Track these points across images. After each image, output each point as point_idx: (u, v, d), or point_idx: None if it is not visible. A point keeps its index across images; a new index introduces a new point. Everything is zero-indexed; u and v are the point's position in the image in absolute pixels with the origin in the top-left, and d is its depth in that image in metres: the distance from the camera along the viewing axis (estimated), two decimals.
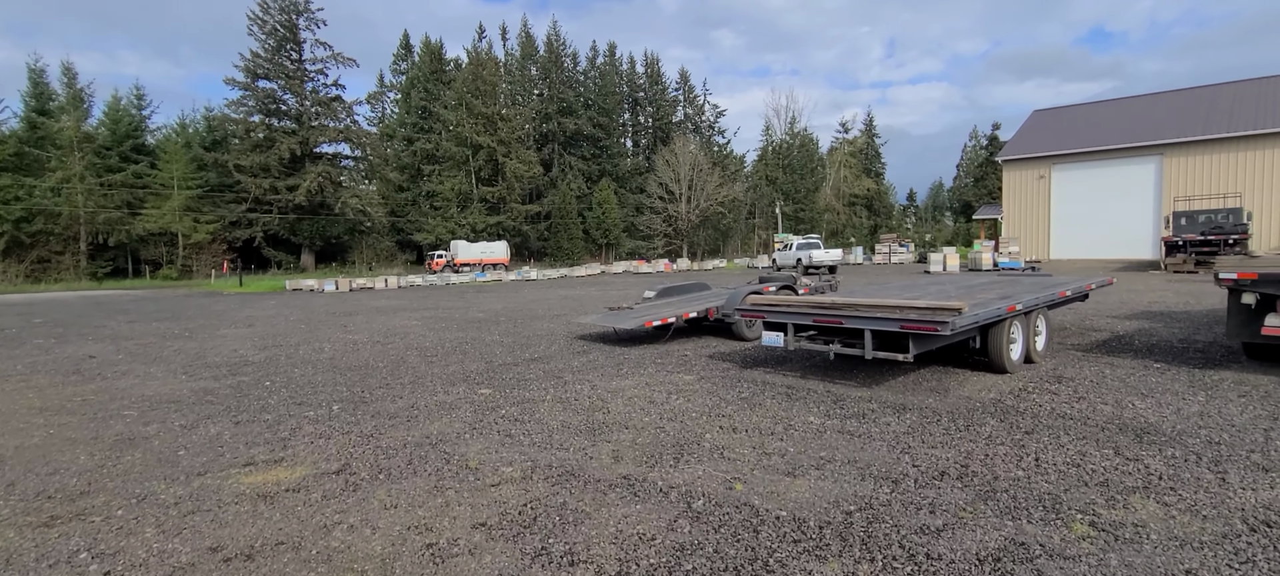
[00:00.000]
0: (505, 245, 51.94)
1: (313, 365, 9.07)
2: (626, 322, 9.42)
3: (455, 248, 49.26)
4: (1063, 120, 39.28)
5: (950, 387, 6.49)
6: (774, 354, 8.58)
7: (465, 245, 49.59)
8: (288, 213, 52.63)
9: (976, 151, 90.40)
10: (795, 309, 6.86)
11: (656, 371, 7.80)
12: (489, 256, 49.26)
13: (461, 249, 48.90)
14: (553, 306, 17.59)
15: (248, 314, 18.37)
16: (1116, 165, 33.69)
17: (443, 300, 22.05)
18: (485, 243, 51.50)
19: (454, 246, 49.54)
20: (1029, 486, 3.95)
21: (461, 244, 49.67)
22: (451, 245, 50.06)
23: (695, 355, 8.89)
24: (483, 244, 50.79)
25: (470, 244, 50.11)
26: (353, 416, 6.07)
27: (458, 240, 50.94)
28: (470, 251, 48.87)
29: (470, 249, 49.17)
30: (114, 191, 47.73)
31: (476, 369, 8.35)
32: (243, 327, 14.55)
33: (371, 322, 14.85)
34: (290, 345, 11.29)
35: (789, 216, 66.81)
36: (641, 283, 29.29)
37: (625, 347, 9.65)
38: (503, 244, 51.91)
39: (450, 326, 13.51)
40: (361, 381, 7.76)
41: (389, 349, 10.45)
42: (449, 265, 46.96)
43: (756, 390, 6.61)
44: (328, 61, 55.86)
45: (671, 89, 73.51)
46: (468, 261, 47.74)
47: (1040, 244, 35.45)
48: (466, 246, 49.39)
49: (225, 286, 37.92)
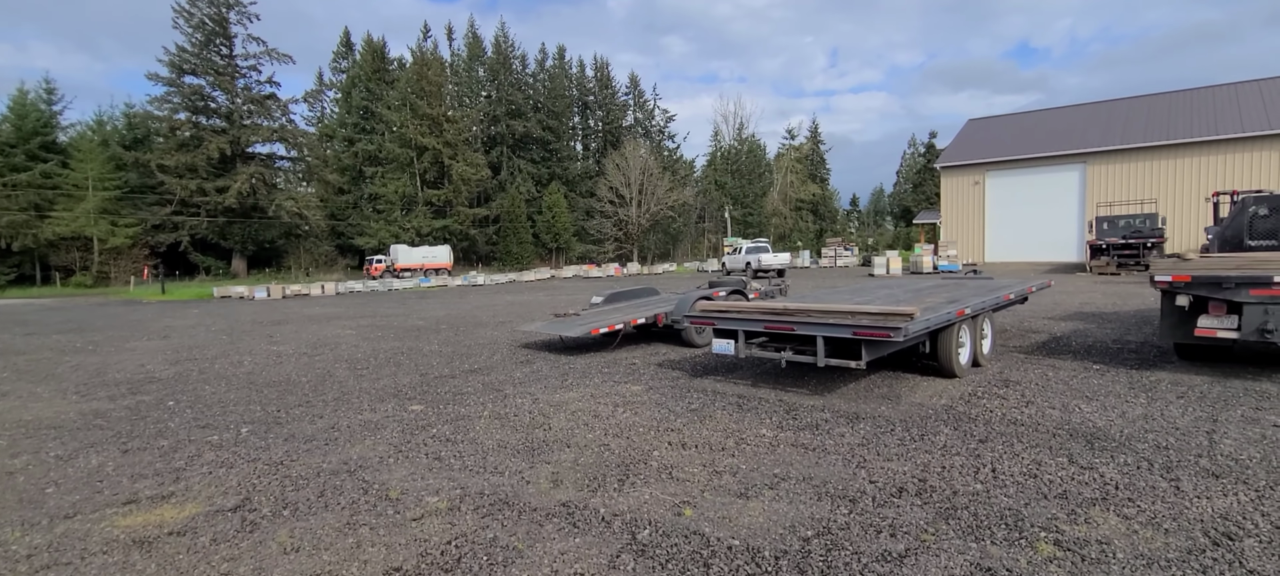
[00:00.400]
0: (448, 250, 50.53)
1: (227, 381, 8.30)
2: (573, 330, 9.02)
3: (395, 252, 47.60)
4: (996, 129, 40.99)
5: (902, 394, 6.36)
6: (724, 361, 8.34)
7: (406, 250, 48.00)
8: (217, 216, 49.79)
9: (915, 159, 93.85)
10: (746, 315, 6.62)
11: (603, 382, 7.43)
12: (431, 261, 47.87)
13: (402, 254, 47.34)
14: (498, 313, 16.98)
15: (165, 324, 17.05)
16: (1044, 172, 35.31)
17: (382, 307, 21.07)
18: (427, 247, 50.01)
19: (394, 251, 47.87)
20: (989, 501, 3.77)
21: (402, 248, 48.09)
22: (391, 250, 48.31)
23: (644, 363, 8.57)
24: (424, 248, 49.28)
25: (411, 248, 48.58)
26: (263, 440, 5.46)
27: (398, 244, 49.31)
28: (411, 256, 47.34)
29: (411, 254, 47.66)
30: (18, 192, 44.03)
31: (409, 382, 7.79)
32: (156, 339, 13.41)
33: (301, 332, 13.94)
34: (206, 359, 10.39)
35: (738, 221, 67.58)
36: (592, 287, 28.82)
37: (571, 356, 9.24)
38: (445, 248, 50.48)
39: (386, 335, 12.78)
40: (279, 399, 7.10)
41: (316, 361, 9.72)
42: (388, 270, 45.42)
43: (707, 400, 6.33)
44: (261, 57, 53.23)
45: (621, 93, 73.41)
46: (408, 266, 46.25)
47: (976, 247, 36.81)
48: (407, 251, 47.86)
49: (145, 294, 35.43)
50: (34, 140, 46.84)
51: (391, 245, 49.51)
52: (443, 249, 50.31)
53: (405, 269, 45.60)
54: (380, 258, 47.53)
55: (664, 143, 74.28)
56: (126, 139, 51.38)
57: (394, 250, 47.99)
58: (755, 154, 76.33)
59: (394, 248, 48.51)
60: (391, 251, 48.05)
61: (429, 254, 48.54)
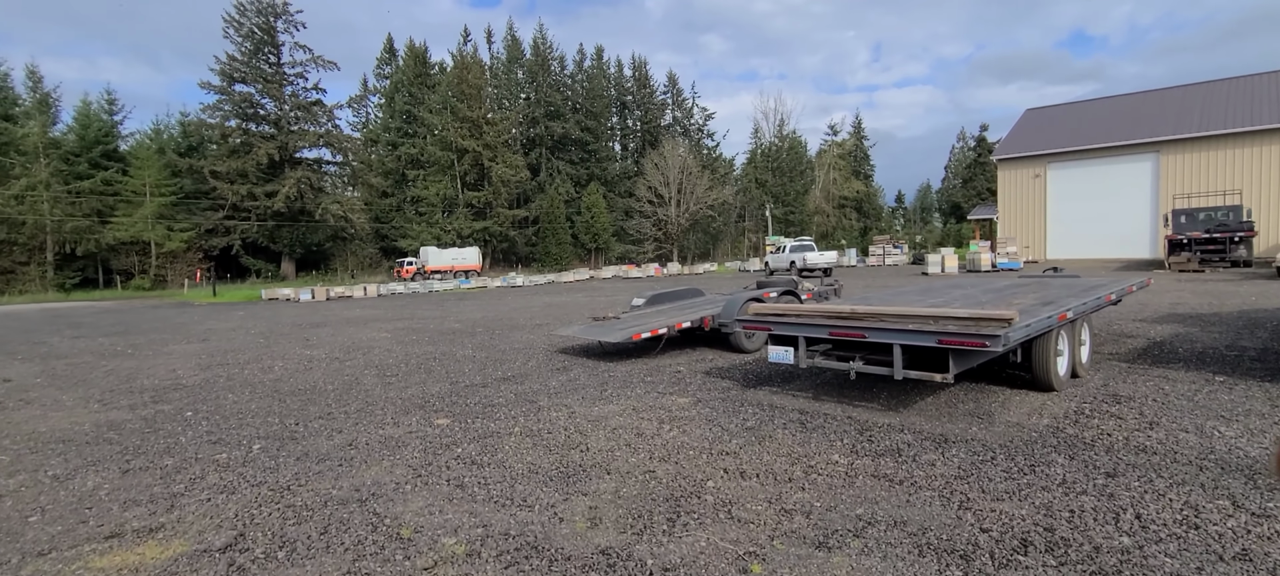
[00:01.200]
0: (477, 251, 50.87)
1: (252, 388, 7.93)
2: (613, 335, 8.37)
3: (425, 254, 47.79)
4: (1056, 118, 38.74)
5: (994, 411, 5.48)
6: (780, 371, 7.55)
7: (435, 252, 48.13)
8: (266, 220, 51.13)
9: (964, 153, 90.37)
10: (808, 319, 5.83)
11: (646, 392, 6.75)
12: (460, 263, 47.91)
13: (432, 256, 47.52)
14: (535, 315, 16.49)
15: (209, 326, 17.13)
16: (1112, 163, 33.10)
17: (420, 309, 20.88)
18: (456, 249, 50.05)
19: (424, 253, 48.10)
20: (1146, 564, 2.93)
21: (432, 250, 48.27)
22: (421, 252, 48.57)
23: (690, 371, 7.85)
24: (454, 250, 49.39)
25: (441, 250, 48.70)
26: (273, 460, 4.96)
27: (428, 247, 49.52)
28: (441, 258, 47.46)
29: (441, 256, 47.79)
30: (82, 199, 46.01)
31: (438, 391, 7.26)
32: (195, 343, 13.34)
33: (337, 335, 13.69)
34: (238, 363, 10.13)
35: (778, 219, 66.08)
36: (631, 288, 28.24)
37: (611, 363, 8.60)
38: (474, 250, 50.77)
39: (421, 339, 12.39)
40: (301, 409, 6.64)
41: (346, 367, 9.32)
42: (419, 272, 45.55)
43: (764, 417, 5.57)
44: (307, 65, 54.48)
45: (660, 92, 72.73)
46: (439, 268, 46.41)
47: (1036, 243, 34.81)
48: (437, 253, 48.02)
49: (198, 297, 36.44)
50: (96, 149, 48.93)
51: (421, 248, 49.73)
52: (472, 251, 50.57)
53: (435, 271, 45.68)
54: (411, 260, 47.64)
55: (703, 141, 73.31)
56: (181, 146, 53.25)
57: (424, 253, 48.19)
58: (796, 151, 74.51)
59: (424, 250, 48.69)
60: (421, 254, 48.20)
61: (459, 255, 48.73)
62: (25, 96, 47.50)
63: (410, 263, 46.98)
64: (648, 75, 71.60)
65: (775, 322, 6.00)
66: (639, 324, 8.93)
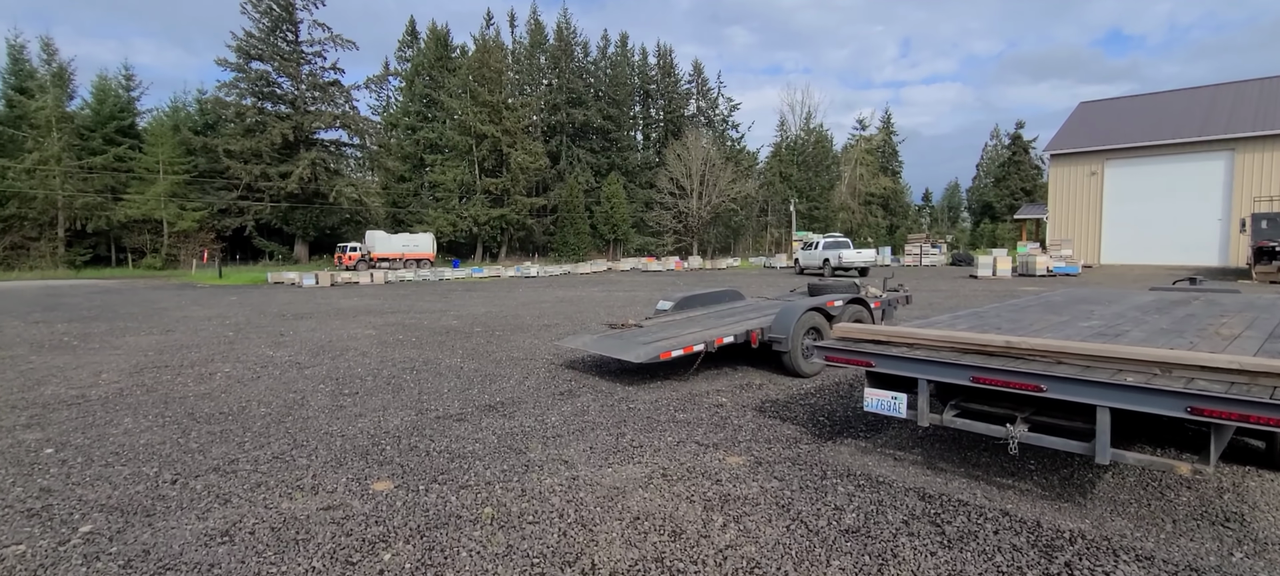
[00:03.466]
0: (431, 238, 46.63)
1: (167, 407, 6.15)
2: (634, 353, 6.45)
3: (371, 240, 43.47)
4: (1114, 113, 35.91)
5: (1250, 515, 3.47)
6: (863, 416, 5.58)
7: (383, 238, 44.03)
8: (279, 201, 50.00)
9: (998, 151, 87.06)
10: (937, 354, 3.85)
11: (680, 442, 4.83)
12: (412, 250, 43.98)
13: (379, 242, 43.26)
14: (545, 312, 14.63)
15: (189, 313, 15.55)
16: (1179, 161, 30.36)
17: (422, 300, 19.15)
18: (408, 235, 45.94)
19: (370, 238, 43.72)
20: None
21: (379, 236, 44.05)
22: (367, 237, 44.20)
23: (735, 405, 5.91)
24: (404, 236, 45.40)
25: (389, 237, 44.72)
26: (80, 569, 3.12)
27: (375, 232, 45.18)
28: (390, 245, 43.51)
29: (390, 242, 43.76)
30: (94, 175, 45.19)
31: (398, 425, 5.40)
32: (156, 334, 11.69)
33: (317, 331, 11.95)
34: (180, 366, 8.40)
35: (803, 215, 63.67)
36: (651, 282, 26.28)
37: (630, 385, 6.70)
38: (427, 237, 46.44)
39: (406, 339, 10.59)
40: (201, 449, 4.83)
41: (301, 377, 7.52)
42: (364, 260, 41.48)
43: (868, 506, 3.62)
44: (326, 44, 53.18)
45: (684, 82, 70.49)
46: (387, 256, 42.22)
47: (1089, 246, 32.21)
48: (385, 239, 43.88)
49: (203, 278, 35.28)
50: (110, 124, 48.10)
51: (368, 232, 45.50)
52: (424, 237, 46.23)
53: (383, 258, 41.59)
54: (354, 246, 43.41)
55: (727, 132, 70.96)
56: (197, 124, 52.33)
57: (370, 238, 43.77)
58: (822, 145, 71.90)
59: (370, 234, 44.33)
60: (367, 239, 43.97)
61: (410, 242, 44.70)
62: (41, 70, 46.68)
63: (354, 248, 42.88)
64: (672, 64, 69.41)
65: (880, 356, 4.02)
66: (668, 336, 7.00)
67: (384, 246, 42.82)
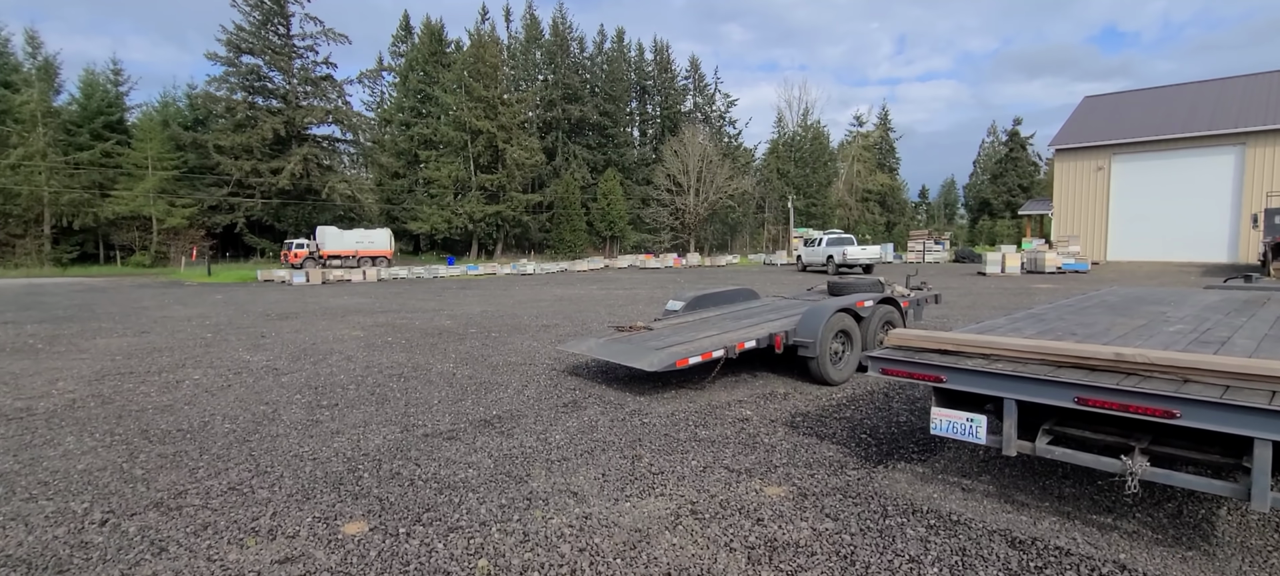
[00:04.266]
0: (387, 235, 43.01)
1: (119, 422, 5.45)
2: (646, 359, 5.77)
3: (322, 236, 39.79)
4: (1121, 107, 35.34)
5: None
6: (923, 436, 4.93)
7: (335, 233, 40.39)
8: (271, 197, 49.07)
9: (995, 148, 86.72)
10: (1027, 366, 3.19)
11: (706, 466, 4.16)
12: (366, 248, 40.51)
13: (330, 238, 39.71)
14: (544, 311, 13.94)
15: (169, 313, 14.81)
16: (1187, 155, 29.82)
17: (414, 299, 18.43)
18: (363, 230, 42.53)
19: (321, 234, 40.01)
20: None
21: (330, 232, 40.42)
22: (318, 233, 40.44)
23: (762, 418, 5.25)
24: (358, 232, 41.90)
25: (342, 233, 41.03)
26: None
27: (326, 227, 41.47)
28: (342, 242, 39.93)
29: (342, 238, 40.18)
30: (81, 171, 44.20)
31: (380, 445, 4.72)
32: (129, 337, 10.96)
33: (301, 332, 11.24)
34: (146, 372, 7.69)
35: (800, 211, 63.12)
36: (650, 280, 25.59)
37: (641, 394, 6.03)
38: (384, 233, 43.00)
39: (396, 342, 9.89)
40: (147, 478, 4.14)
41: (278, 386, 6.83)
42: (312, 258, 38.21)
43: (954, 555, 2.95)
44: (318, 37, 52.18)
45: (681, 78, 69.77)
46: (339, 254, 39.10)
47: (1096, 242, 31.66)
48: (337, 235, 40.27)
49: (191, 276, 34.42)
50: (98, 120, 47.09)
51: (319, 227, 41.74)
52: (381, 233, 42.62)
53: (333, 256, 38.67)
54: (301, 242, 39.71)
55: (724, 128, 70.31)
56: (187, 120, 51.34)
57: (321, 234, 40.10)
58: (820, 142, 71.38)
59: (321, 230, 40.53)
60: (318, 234, 40.25)
61: (364, 238, 41.22)
62: (26, 64, 45.63)
63: (301, 245, 39.19)
64: (669, 60, 68.66)
65: (954, 370, 3.35)
66: (682, 340, 6.33)
67: (335, 243, 39.68)
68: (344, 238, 40.39)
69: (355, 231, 42.01)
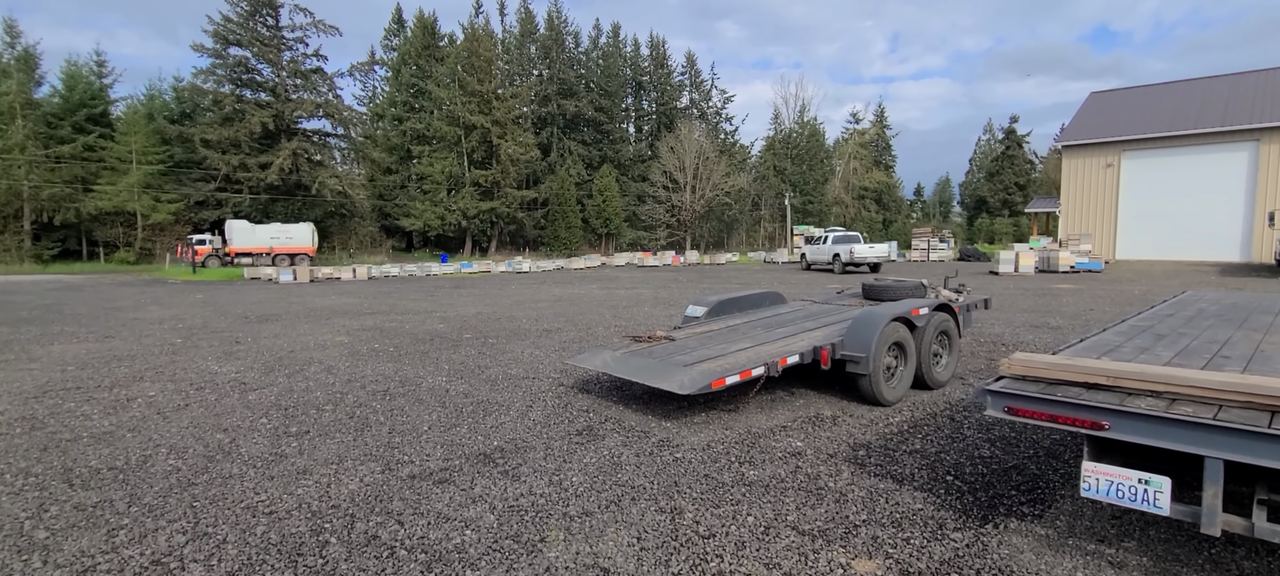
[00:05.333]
0: (309, 230, 38.82)
1: (38, 457, 4.53)
2: (675, 379, 4.88)
3: (231, 231, 35.34)
4: (1129, 102, 34.68)
5: None
6: (992, 464, 4.07)
7: (245, 229, 35.91)
8: (259, 193, 47.79)
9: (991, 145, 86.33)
10: (1218, 406, 2.34)
11: (767, 528, 3.29)
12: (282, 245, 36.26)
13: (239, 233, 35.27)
14: (544, 314, 13.04)
15: (143, 314, 13.82)
16: (1200, 152, 29.15)
17: (405, 299, 17.48)
18: (279, 226, 38.25)
19: (229, 229, 35.53)
20: None
21: (239, 227, 35.86)
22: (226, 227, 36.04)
23: (814, 450, 4.38)
24: (274, 227, 37.71)
25: (254, 228, 36.84)
26: None
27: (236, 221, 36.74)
28: (254, 238, 35.68)
29: (253, 234, 35.91)
30: (63, 165, 42.87)
31: (355, 491, 3.82)
32: (92, 342, 10.00)
33: (281, 337, 10.30)
34: (97, 386, 6.76)
35: (797, 209, 62.39)
36: (651, 278, 24.70)
37: (664, 417, 5.16)
38: (305, 228, 38.84)
39: (383, 349, 8.97)
40: (48, 546, 3.23)
41: (245, 403, 5.91)
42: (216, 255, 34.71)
43: None
44: (308, 29, 50.79)
45: (677, 74, 68.78)
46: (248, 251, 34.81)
47: (1105, 240, 31.00)
48: (247, 231, 35.89)
49: (177, 273, 33.29)
50: (80, 112, 45.69)
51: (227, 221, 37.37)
52: (301, 228, 38.41)
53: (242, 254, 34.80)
54: (203, 238, 35.91)
55: (721, 125, 69.44)
56: (174, 113, 49.99)
57: (229, 228, 35.72)
58: (816, 138, 70.74)
59: (230, 225, 36.09)
60: (226, 229, 35.87)
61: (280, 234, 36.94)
62: (4, 54, 44.22)
63: (202, 242, 35.12)
64: (665, 55, 67.63)
65: (1120, 412, 2.49)
66: (712, 354, 5.45)
67: (245, 239, 35.61)
68: (256, 233, 36.61)
69: (271, 226, 38.22)
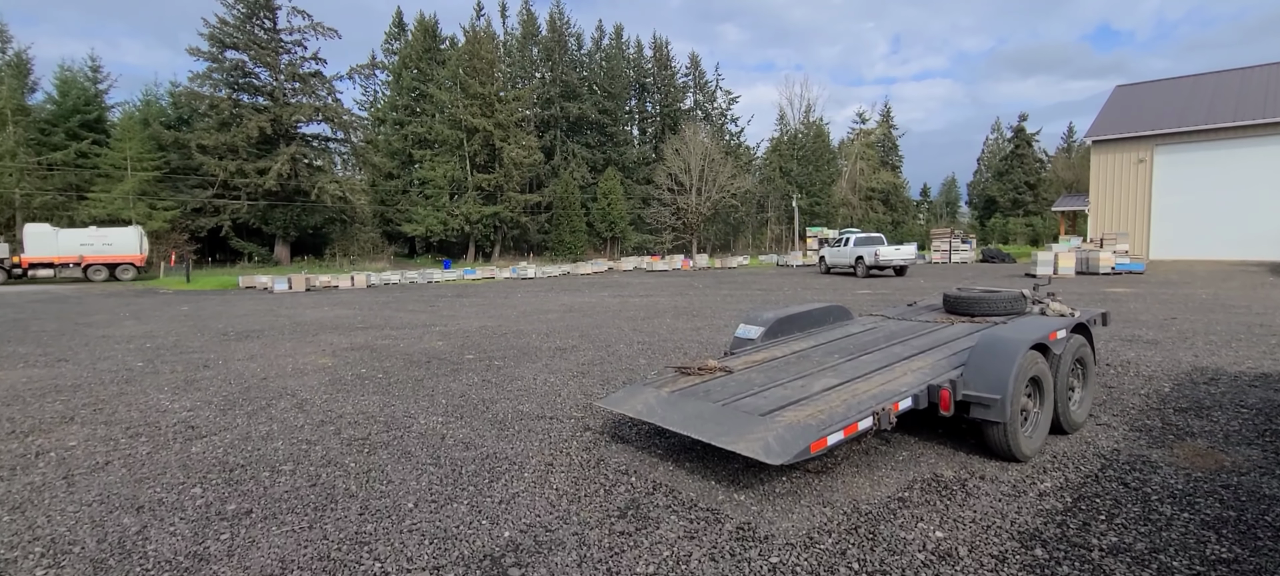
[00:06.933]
0: (135, 234, 32.37)
1: None
2: (753, 440, 3.54)
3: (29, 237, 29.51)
4: (1160, 95, 33.23)
5: None
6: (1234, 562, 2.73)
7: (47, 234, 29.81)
8: (258, 199, 46.68)
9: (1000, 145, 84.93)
10: None
11: None
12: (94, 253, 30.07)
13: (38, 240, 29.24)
14: (555, 326, 11.72)
15: (113, 331, 12.55)
16: (1240, 146, 27.72)
17: (403, 311, 16.18)
18: (94, 230, 31.68)
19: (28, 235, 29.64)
20: None
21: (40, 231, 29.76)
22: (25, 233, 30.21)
23: (965, 544, 3.05)
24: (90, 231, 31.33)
25: (58, 232, 30.75)
26: None
27: (36, 225, 30.56)
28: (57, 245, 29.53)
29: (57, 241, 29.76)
30: (56, 172, 41.81)
31: None
32: (38, 366, 8.72)
33: (257, 359, 8.99)
34: (14, 431, 5.46)
35: (804, 210, 61.05)
36: (662, 284, 23.30)
37: (732, 482, 3.83)
38: (130, 232, 32.29)
39: (372, 376, 7.66)
40: None
41: (186, 457, 4.60)
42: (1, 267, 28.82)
43: None
44: (306, 32, 49.74)
45: (681, 75, 67.57)
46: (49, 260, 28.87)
47: (1137, 239, 29.53)
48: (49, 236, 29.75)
49: (170, 282, 32.09)
50: (73, 118, 44.68)
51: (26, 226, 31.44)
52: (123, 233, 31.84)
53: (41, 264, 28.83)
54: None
55: (726, 126, 68.24)
56: (170, 118, 48.93)
57: (28, 233, 29.86)
58: (822, 139, 69.44)
59: (29, 229, 30.22)
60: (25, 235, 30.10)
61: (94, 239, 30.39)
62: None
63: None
64: (669, 57, 66.39)
65: None
66: (789, 394, 4.12)
67: (44, 247, 29.36)
68: (61, 240, 30.10)
69: (84, 231, 31.66)
